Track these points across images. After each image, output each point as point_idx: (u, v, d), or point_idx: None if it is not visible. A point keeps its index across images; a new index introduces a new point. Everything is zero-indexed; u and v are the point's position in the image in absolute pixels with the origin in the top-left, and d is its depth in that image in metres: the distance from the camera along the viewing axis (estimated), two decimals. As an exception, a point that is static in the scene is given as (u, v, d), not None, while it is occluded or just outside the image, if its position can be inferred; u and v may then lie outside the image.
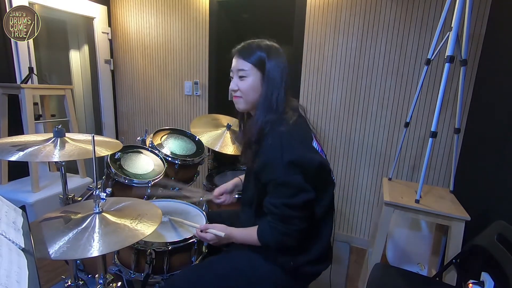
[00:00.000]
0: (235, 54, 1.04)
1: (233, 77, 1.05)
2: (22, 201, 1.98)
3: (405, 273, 1.33)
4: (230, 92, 1.06)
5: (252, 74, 0.99)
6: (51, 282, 1.74)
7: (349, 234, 2.39)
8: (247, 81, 1.00)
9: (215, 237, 1.04)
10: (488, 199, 1.43)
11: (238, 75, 1.02)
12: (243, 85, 1.01)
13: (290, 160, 0.90)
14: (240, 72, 1.01)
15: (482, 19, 1.79)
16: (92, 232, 0.83)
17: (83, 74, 3.13)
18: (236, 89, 1.03)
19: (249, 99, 1.02)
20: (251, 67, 0.99)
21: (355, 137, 2.23)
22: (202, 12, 2.57)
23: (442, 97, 1.40)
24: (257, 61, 0.99)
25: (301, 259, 1.01)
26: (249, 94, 1.01)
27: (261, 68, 0.99)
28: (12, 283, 0.47)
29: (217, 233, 1.02)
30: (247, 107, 1.05)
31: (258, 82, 1.00)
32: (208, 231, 1.05)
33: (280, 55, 1.01)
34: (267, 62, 0.98)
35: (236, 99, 1.05)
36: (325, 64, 2.22)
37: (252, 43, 1.03)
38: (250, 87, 1.00)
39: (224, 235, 1.02)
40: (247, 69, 0.99)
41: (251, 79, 1.00)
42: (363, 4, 2.05)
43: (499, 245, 1.09)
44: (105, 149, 1.13)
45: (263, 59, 0.98)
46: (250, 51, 1.00)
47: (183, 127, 2.82)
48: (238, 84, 1.02)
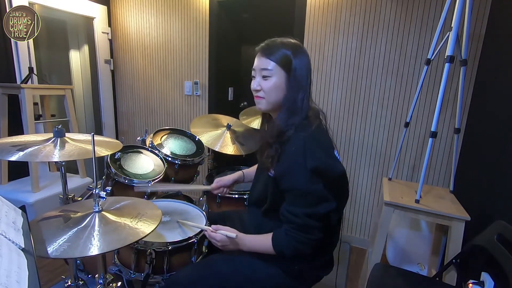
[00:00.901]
0: (258, 52, 0.99)
1: (255, 76, 1.00)
2: (22, 201, 1.98)
3: (405, 273, 1.33)
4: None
5: (276, 73, 0.95)
6: (51, 282, 1.74)
7: (349, 234, 2.39)
8: (271, 81, 0.95)
9: (224, 238, 1.01)
10: (488, 199, 1.43)
11: (261, 74, 0.97)
12: (267, 85, 0.96)
13: (313, 167, 0.87)
14: (264, 71, 0.96)
15: (482, 19, 1.79)
16: (91, 231, 0.83)
17: (83, 74, 3.13)
18: (259, 89, 0.98)
19: (272, 100, 0.97)
20: (275, 66, 0.94)
21: (355, 137, 2.23)
22: (202, 12, 2.57)
23: (442, 97, 1.40)
24: (282, 60, 0.94)
25: (307, 264, 1.01)
26: (272, 94, 0.96)
27: (286, 67, 0.94)
28: (12, 283, 0.47)
29: (229, 234, 0.99)
30: (268, 108, 1.00)
31: (283, 82, 0.95)
32: (218, 232, 1.02)
33: (305, 54, 0.97)
34: (293, 61, 0.94)
35: (258, 100, 1.00)
36: (325, 64, 2.22)
37: (276, 41, 0.98)
38: (274, 87, 0.95)
39: (236, 235, 0.99)
40: (271, 68, 0.94)
41: (275, 79, 0.95)
42: (363, 4, 2.05)
43: (499, 245, 1.09)
44: (105, 149, 1.13)
45: (288, 58, 0.94)
46: (274, 49, 0.95)
47: (183, 127, 2.82)
48: (261, 84, 0.97)
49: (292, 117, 0.95)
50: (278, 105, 0.98)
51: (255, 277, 1.00)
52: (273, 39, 0.99)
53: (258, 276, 1.00)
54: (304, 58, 0.96)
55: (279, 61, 0.94)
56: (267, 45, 0.98)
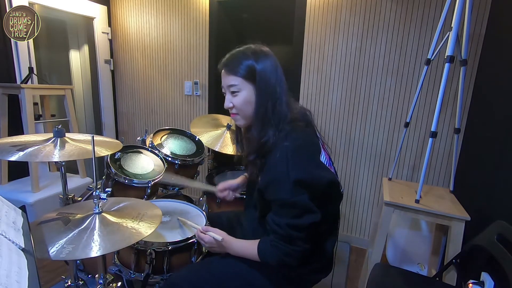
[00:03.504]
0: (221, 69, 0.96)
1: (226, 93, 0.97)
2: (22, 201, 1.98)
3: (405, 273, 1.33)
4: None
5: (244, 87, 0.92)
6: (51, 282, 1.74)
7: (349, 234, 2.39)
8: (241, 96, 0.93)
9: (212, 240, 1.00)
10: (488, 199, 1.43)
11: (230, 90, 0.95)
12: (237, 101, 0.94)
13: (297, 179, 0.84)
14: (231, 87, 0.94)
15: (482, 19, 1.79)
16: (92, 233, 0.83)
17: (83, 74, 3.13)
18: (231, 106, 0.96)
19: (247, 114, 0.95)
20: (241, 81, 0.92)
21: (355, 137, 2.23)
22: (202, 12, 2.57)
23: (442, 97, 1.40)
24: (246, 73, 0.91)
25: (304, 269, 1.00)
26: (245, 109, 0.94)
27: (252, 78, 0.91)
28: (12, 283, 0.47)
29: (215, 236, 0.99)
30: (247, 122, 0.99)
31: (252, 94, 0.92)
32: (207, 233, 1.02)
33: (269, 57, 0.93)
34: (256, 69, 0.90)
35: (234, 116, 0.99)
36: (325, 64, 2.22)
37: (237, 54, 0.95)
38: (244, 102, 0.93)
39: (221, 239, 0.98)
40: (238, 84, 0.92)
41: (244, 93, 0.93)
42: (363, 4, 2.05)
43: (499, 245, 1.09)
44: (105, 149, 1.13)
45: (252, 68, 0.91)
46: (236, 63, 0.92)
47: (183, 127, 2.82)
48: (232, 101, 0.95)
49: (266, 127, 0.91)
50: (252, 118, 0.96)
51: (253, 280, 1.00)
52: (233, 52, 0.96)
53: (257, 279, 1.00)
54: (268, 61, 0.92)
55: (243, 75, 0.91)
56: (228, 61, 0.95)
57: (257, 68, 0.91)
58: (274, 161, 0.88)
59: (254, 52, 0.93)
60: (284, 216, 0.88)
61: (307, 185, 0.86)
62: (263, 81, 0.91)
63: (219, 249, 1.02)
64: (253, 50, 0.94)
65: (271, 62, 0.93)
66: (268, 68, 0.92)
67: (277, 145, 0.90)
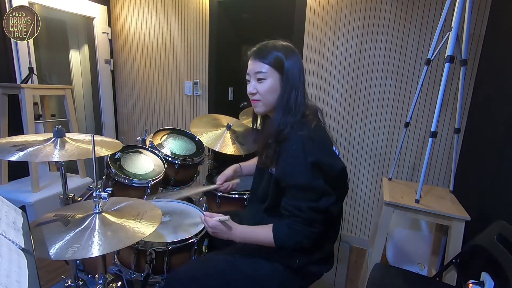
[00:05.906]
0: (251, 56, 1.01)
1: (250, 80, 1.02)
2: (22, 201, 1.98)
3: (405, 273, 1.33)
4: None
5: (271, 75, 0.97)
6: (51, 282, 1.74)
7: (349, 234, 2.39)
8: (266, 83, 0.98)
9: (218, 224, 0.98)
10: (488, 199, 1.43)
11: (256, 77, 0.99)
12: (262, 88, 0.98)
13: (313, 162, 0.89)
14: (258, 74, 0.98)
15: (482, 19, 1.79)
16: (92, 233, 0.83)
17: (83, 74, 3.13)
18: (255, 92, 1.00)
19: (268, 102, 1.00)
20: (269, 68, 0.97)
21: (355, 137, 2.23)
22: (202, 12, 2.57)
23: (442, 97, 1.40)
24: (275, 62, 0.96)
25: (307, 259, 1.02)
26: (268, 96, 0.99)
27: (279, 68, 0.97)
28: (12, 283, 0.47)
29: (222, 217, 0.98)
30: (266, 110, 1.03)
31: (277, 83, 0.98)
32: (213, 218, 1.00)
33: (296, 55, 1.00)
34: (285, 61, 0.96)
35: (255, 103, 1.03)
36: (325, 64, 2.22)
37: (268, 44, 1.00)
38: (269, 89, 0.98)
39: (228, 217, 0.98)
40: (265, 71, 0.97)
41: (269, 81, 0.97)
42: (363, 4, 2.05)
43: (499, 245, 1.10)
44: (105, 149, 1.13)
45: (281, 59, 0.96)
46: (266, 52, 0.98)
47: (183, 127, 2.82)
48: (257, 87, 0.99)
49: (287, 115, 0.97)
50: (274, 106, 1.00)
51: (255, 274, 1.01)
52: (265, 43, 1.02)
53: (258, 274, 1.01)
54: (296, 58, 0.99)
55: (272, 63, 0.97)
56: (259, 49, 1.00)
57: (286, 59, 0.97)
58: (292, 149, 0.93)
59: (283, 46, 1.00)
60: (304, 200, 0.92)
61: (322, 168, 0.91)
62: (290, 72, 0.97)
63: (224, 234, 1.00)
64: (284, 45, 1.00)
65: (297, 57, 1.00)
66: (295, 61, 0.98)
67: (292, 134, 0.94)
